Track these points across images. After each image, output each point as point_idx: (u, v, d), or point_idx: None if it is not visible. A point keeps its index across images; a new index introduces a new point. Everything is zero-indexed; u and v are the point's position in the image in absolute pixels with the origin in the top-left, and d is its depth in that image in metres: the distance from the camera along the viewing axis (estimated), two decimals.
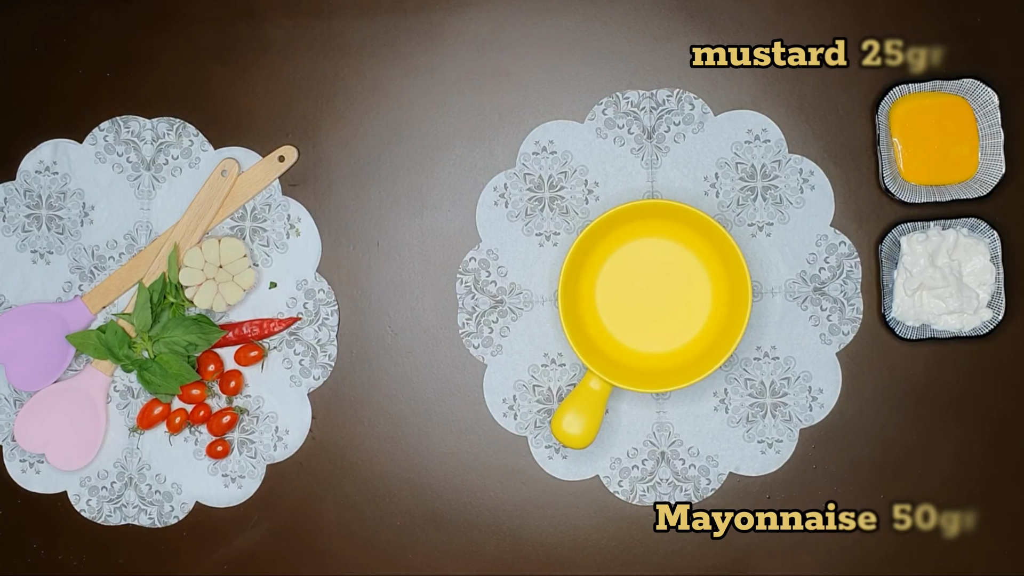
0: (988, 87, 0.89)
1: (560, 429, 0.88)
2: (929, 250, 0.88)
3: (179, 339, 0.91)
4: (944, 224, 0.89)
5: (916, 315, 0.89)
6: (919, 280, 0.88)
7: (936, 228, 0.89)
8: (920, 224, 0.90)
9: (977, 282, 0.89)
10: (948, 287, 0.88)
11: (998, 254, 0.88)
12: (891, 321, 0.89)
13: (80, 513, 0.94)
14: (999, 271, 0.89)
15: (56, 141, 0.95)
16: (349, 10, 0.95)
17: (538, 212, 0.93)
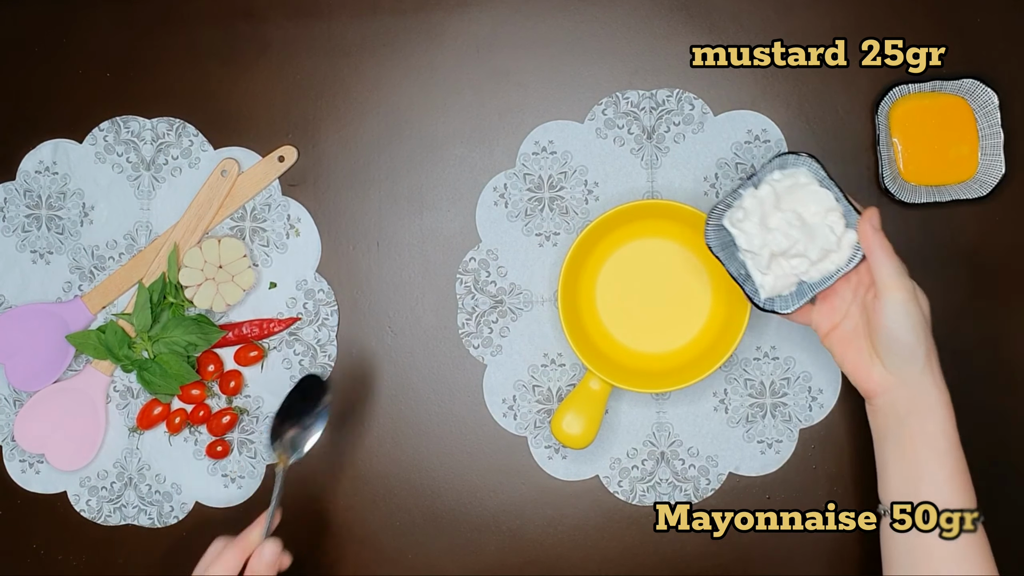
0: (988, 87, 0.89)
1: (560, 429, 0.88)
2: (756, 218, 0.80)
3: (179, 339, 0.91)
4: (755, 182, 0.80)
5: (788, 284, 0.80)
6: (767, 251, 0.79)
7: (748, 192, 0.80)
8: (729, 198, 0.81)
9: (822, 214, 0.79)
10: (798, 240, 0.79)
11: (823, 175, 0.79)
12: (767, 302, 0.80)
13: (80, 513, 0.94)
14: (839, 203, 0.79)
15: (56, 141, 0.95)
16: (349, 10, 0.95)
17: (538, 212, 0.93)
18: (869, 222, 0.76)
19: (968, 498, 0.74)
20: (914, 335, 0.74)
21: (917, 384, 0.75)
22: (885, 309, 0.74)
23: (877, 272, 0.75)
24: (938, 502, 0.73)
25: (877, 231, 0.75)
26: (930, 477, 0.74)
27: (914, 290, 0.75)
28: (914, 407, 0.75)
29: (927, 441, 0.74)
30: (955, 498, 0.73)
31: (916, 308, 0.74)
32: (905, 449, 0.75)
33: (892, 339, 0.74)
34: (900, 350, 0.74)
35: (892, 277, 0.74)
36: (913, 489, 0.74)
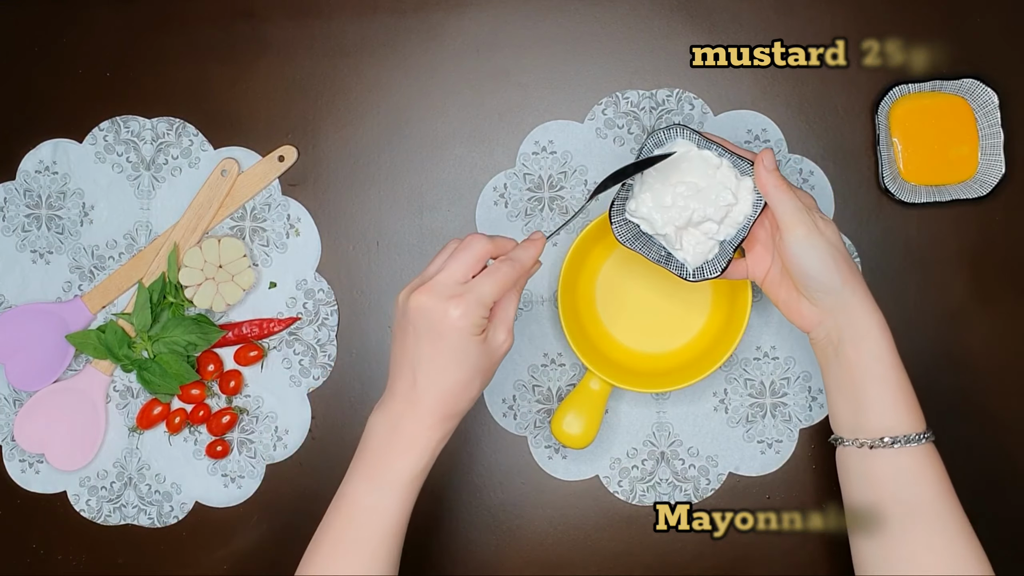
0: (988, 87, 0.89)
1: (560, 429, 0.88)
2: (650, 201, 0.79)
3: (179, 339, 0.91)
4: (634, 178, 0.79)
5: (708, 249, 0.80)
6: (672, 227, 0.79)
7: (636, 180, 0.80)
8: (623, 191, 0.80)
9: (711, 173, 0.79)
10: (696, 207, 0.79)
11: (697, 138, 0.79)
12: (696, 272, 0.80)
13: (80, 513, 0.94)
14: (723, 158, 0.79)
15: (56, 141, 0.95)
16: (349, 10, 0.95)
17: (538, 212, 0.93)
18: (762, 165, 0.76)
19: (912, 418, 0.74)
20: (823, 266, 0.75)
21: (844, 312, 0.75)
22: (789, 247, 0.75)
23: (776, 212, 0.76)
24: (881, 424, 0.74)
25: (770, 172, 0.76)
26: (871, 401, 0.75)
27: (815, 222, 0.75)
28: (846, 335, 0.75)
29: (863, 366, 0.75)
30: (898, 419, 0.74)
31: (820, 239, 0.75)
32: (843, 377, 0.76)
33: (802, 274, 0.75)
34: (813, 283, 0.76)
35: (789, 215, 0.75)
36: (856, 415, 0.75)
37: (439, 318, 0.68)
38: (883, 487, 0.74)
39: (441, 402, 0.70)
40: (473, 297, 0.68)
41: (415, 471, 0.71)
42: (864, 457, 0.75)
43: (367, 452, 0.72)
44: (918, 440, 0.74)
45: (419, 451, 0.71)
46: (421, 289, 0.69)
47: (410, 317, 0.69)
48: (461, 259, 0.69)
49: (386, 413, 0.71)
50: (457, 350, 0.69)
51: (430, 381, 0.69)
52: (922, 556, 0.72)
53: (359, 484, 0.72)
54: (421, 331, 0.69)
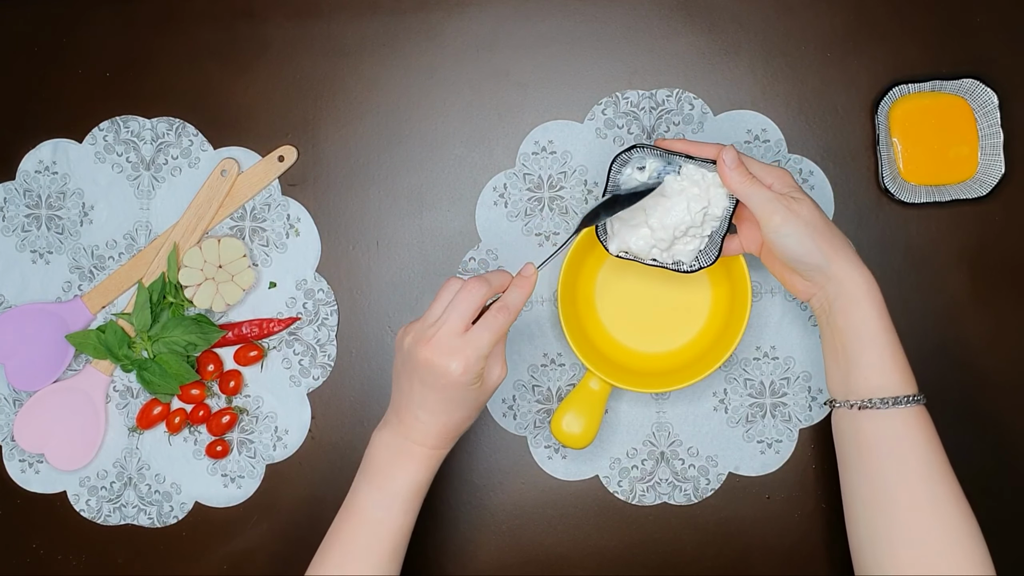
0: (988, 87, 0.89)
1: (560, 429, 0.88)
2: (628, 240, 0.83)
3: (178, 339, 0.91)
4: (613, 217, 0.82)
5: (699, 244, 0.82)
6: (656, 250, 0.83)
7: (612, 229, 0.83)
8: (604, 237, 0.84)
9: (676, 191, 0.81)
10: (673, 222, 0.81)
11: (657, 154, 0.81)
12: (692, 265, 0.83)
13: (79, 513, 0.94)
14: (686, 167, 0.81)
15: (56, 141, 0.95)
16: (349, 10, 0.95)
17: (538, 212, 0.93)
18: (724, 166, 0.78)
19: (901, 380, 0.76)
20: (804, 249, 0.77)
21: (832, 283, 0.78)
22: (767, 236, 0.78)
23: (748, 207, 0.78)
24: (870, 385, 0.76)
25: (732, 170, 0.78)
26: (859, 363, 0.77)
27: (788, 207, 0.77)
28: (837, 302, 0.78)
29: (853, 331, 0.77)
30: (887, 380, 0.76)
31: (795, 223, 0.77)
32: (835, 341, 0.78)
33: (787, 257, 0.78)
34: (799, 265, 0.78)
35: (759, 207, 0.77)
36: (847, 377, 0.77)
37: (442, 372, 0.73)
38: (872, 448, 0.75)
39: (443, 433, 0.76)
40: (472, 352, 0.73)
41: (419, 483, 0.77)
42: (854, 418, 0.76)
43: (373, 466, 0.77)
44: (907, 402, 0.75)
45: (422, 467, 0.77)
46: (424, 343, 0.73)
47: (414, 365, 0.74)
48: (460, 310, 0.73)
49: (392, 434, 0.77)
50: (458, 397, 0.74)
51: (434, 419, 0.75)
52: (908, 516, 0.73)
53: (368, 494, 0.77)
54: (425, 380, 0.74)
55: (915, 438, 0.74)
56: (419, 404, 0.75)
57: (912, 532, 0.73)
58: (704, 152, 0.81)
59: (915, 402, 0.75)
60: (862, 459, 0.76)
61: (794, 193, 0.78)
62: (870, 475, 0.75)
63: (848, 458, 0.77)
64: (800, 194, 0.79)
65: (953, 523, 0.72)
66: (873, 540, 0.74)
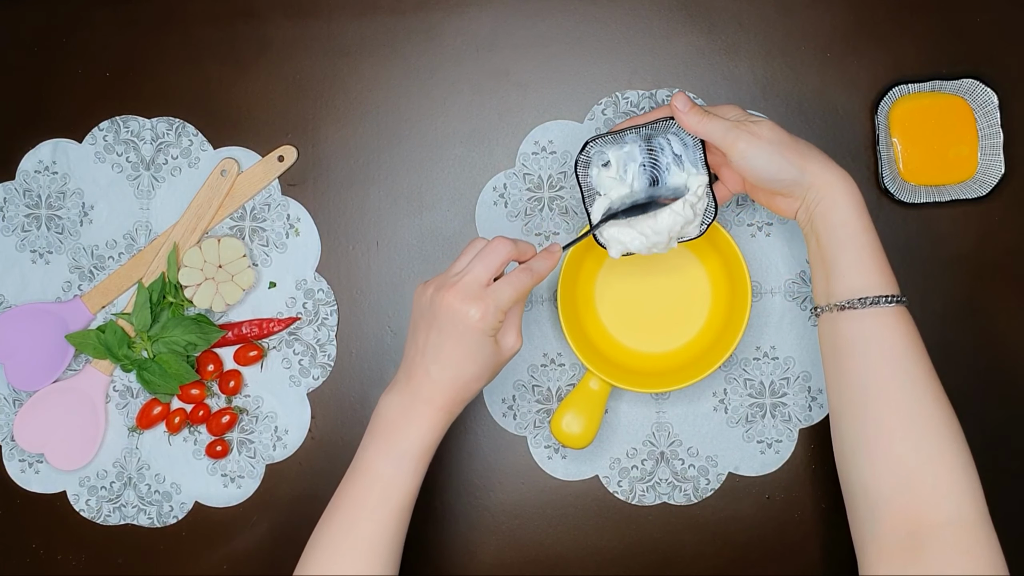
0: (988, 87, 0.89)
1: (559, 429, 0.88)
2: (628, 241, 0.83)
3: (178, 339, 0.91)
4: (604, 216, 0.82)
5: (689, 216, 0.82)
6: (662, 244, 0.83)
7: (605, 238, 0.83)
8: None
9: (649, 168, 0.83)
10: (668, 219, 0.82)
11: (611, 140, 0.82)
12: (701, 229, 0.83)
13: (79, 513, 0.94)
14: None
15: (55, 141, 0.95)
16: (349, 10, 0.95)
17: (537, 212, 0.93)
18: (679, 112, 0.79)
19: (880, 280, 0.77)
20: (775, 166, 0.78)
21: (811, 191, 0.78)
22: (737, 164, 0.79)
23: (712, 142, 0.79)
24: (850, 285, 0.76)
25: (687, 113, 0.79)
26: (839, 265, 0.77)
27: (748, 132, 0.78)
28: (816, 207, 0.79)
29: (831, 233, 0.78)
30: (865, 280, 0.76)
31: (759, 144, 0.78)
32: (817, 248, 0.79)
33: (761, 180, 0.79)
34: (775, 183, 0.79)
35: (721, 138, 0.78)
36: (828, 280, 0.78)
37: (461, 318, 0.73)
38: (852, 348, 0.76)
39: (452, 390, 0.75)
40: (493, 302, 0.73)
41: (425, 444, 0.76)
42: (835, 320, 0.77)
43: (381, 426, 0.76)
44: (886, 301, 0.75)
45: (429, 427, 0.75)
46: (448, 288, 0.74)
47: (434, 312, 0.74)
48: (486, 262, 0.75)
49: (399, 394, 0.76)
50: (473, 348, 0.74)
51: (444, 372, 0.74)
52: (887, 412, 0.73)
53: (376, 454, 0.76)
54: (444, 327, 0.74)
55: (895, 337, 0.75)
56: (432, 356, 0.74)
57: (889, 435, 0.73)
58: (657, 114, 0.82)
59: (895, 302, 0.75)
60: (843, 360, 0.76)
61: (751, 118, 0.80)
62: (852, 374, 0.75)
63: (830, 361, 0.78)
64: (757, 118, 0.80)
65: (933, 418, 0.73)
66: (853, 448, 0.75)
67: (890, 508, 0.72)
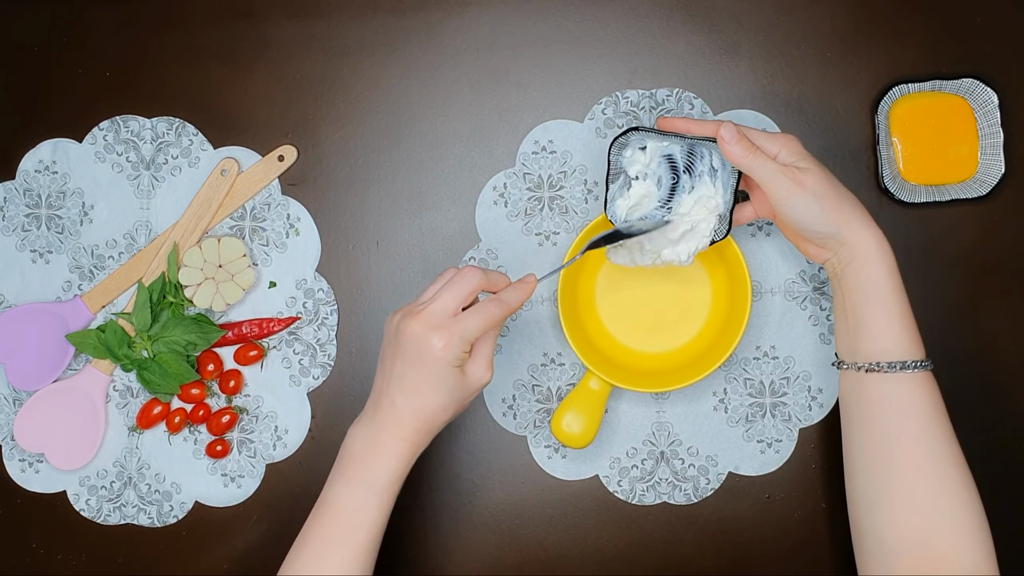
0: (988, 87, 0.89)
1: (560, 429, 0.88)
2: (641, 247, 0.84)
3: (178, 338, 0.91)
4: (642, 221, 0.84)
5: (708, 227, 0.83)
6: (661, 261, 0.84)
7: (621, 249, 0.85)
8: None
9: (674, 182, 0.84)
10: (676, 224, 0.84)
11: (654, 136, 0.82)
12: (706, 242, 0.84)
13: (79, 513, 0.94)
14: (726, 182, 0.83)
15: (56, 140, 0.95)
16: (349, 10, 0.95)
17: (538, 212, 0.93)
18: (724, 143, 0.78)
19: (908, 344, 0.76)
20: (812, 219, 0.77)
21: (845, 248, 0.78)
22: (775, 208, 0.78)
23: (754, 179, 0.78)
24: (876, 348, 0.76)
25: (733, 145, 0.78)
26: (866, 324, 0.77)
27: (793, 179, 0.77)
28: (848, 265, 0.78)
29: (862, 291, 0.77)
30: (893, 344, 0.76)
31: (801, 195, 0.77)
32: (846, 303, 0.78)
33: (797, 227, 0.79)
34: (809, 233, 0.79)
35: (764, 180, 0.77)
36: (854, 338, 0.78)
37: (425, 347, 0.72)
38: (876, 410, 0.75)
39: (417, 421, 0.74)
40: (457, 331, 0.72)
41: (393, 476, 0.75)
42: (860, 380, 0.76)
43: (348, 459, 0.76)
44: (913, 367, 0.75)
45: (396, 459, 0.75)
46: (413, 316, 0.73)
47: (399, 340, 0.73)
48: (453, 291, 0.73)
49: (367, 426, 0.76)
50: (435, 377, 0.73)
51: (408, 401, 0.74)
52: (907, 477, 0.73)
53: (341, 488, 0.76)
54: (407, 355, 0.73)
55: (919, 402, 0.75)
56: (397, 385, 0.73)
57: (910, 493, 0.73)
58: (704, 130, 0.81)
59: (922, 367, 0.75)
60: (865, 421, 0.76)
61: (800, 162, 0.78)
62: (872, 437, 0.75)
63: (852, 419, 0.78)
64: (807, 162, 0.78)
65: (952, 484, 0.73)
66: (871, 501, 0.75)
67: (905, 561, 0.73)
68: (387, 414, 0.74)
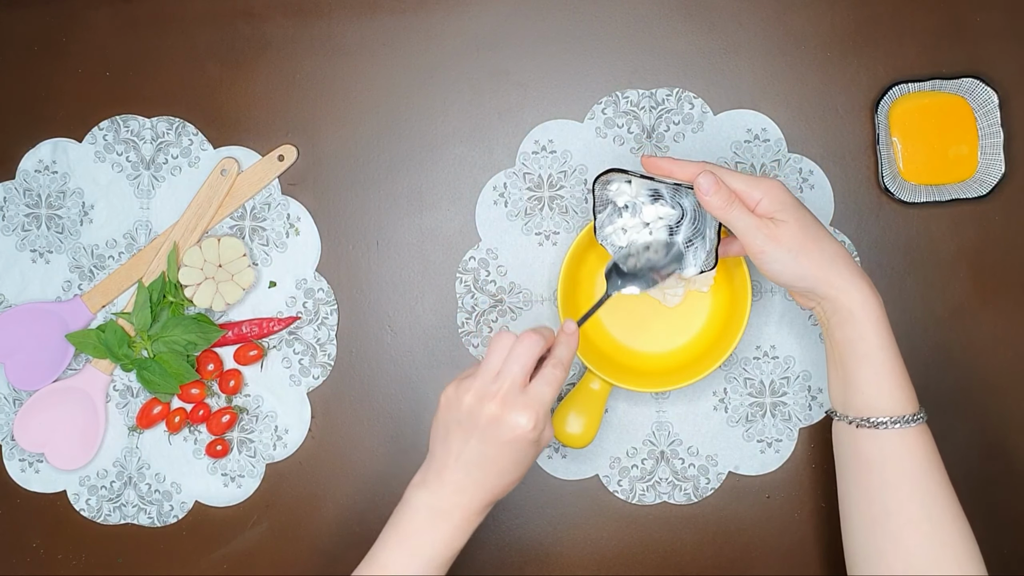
0: (988, 87, 0.89)
1: (560, 429, 0.88)
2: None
3: (178, 338, 0.91)
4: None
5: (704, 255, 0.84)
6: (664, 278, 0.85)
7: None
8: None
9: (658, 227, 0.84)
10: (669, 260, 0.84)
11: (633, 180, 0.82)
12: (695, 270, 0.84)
13: (79, 512, 0.94)
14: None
15: (55, 140, 0.95)
16: (349, 10, 0.95)
17: (538, 211, 0.93)
18: (701, 193, 0.76)
19: (899, 400, 0.75)
20: (789, 273, 0.76)
21: (828, 301, 0.77)
22: (756, 264, 0.77)
23: (734, 232, 0.77)
24: (867, 404, 0.75)
25: (711, 196, 0.76)
26: (856, 381, 0.76)
27: (767, 235, 0.75)
28: (833, 317, 0.77)
29: (850, 346, 0.76)
30: (884, 400, 0.75)
31: (776, 251, 0.75)
32: (834, 356, 0.78)
33: (776, 282, 0.78)
34: (787, 287, 0.78)
35: (740, 235, 0.76)
36: (845, 392, 0.77)
37: (510, 427, 0.71)
38: (870, 464, 0.75)
39: (492, 495, 0.74)
40: (540, 406, 0.72)
41: (453, 551, 0.75)
42: (852, 434, 0.76)
43: (408, 527, 0.74)
44: (905, 422, 0.74)
45: (459, 533, 0.75)
46: (490, 399, 0.72)
47: (475, 421, 0.72)
48: (520, 363, 0.72)
49: (433, 496, 0.74)
50: (520, 455, 0.73)
51: (488, 479, 0.73)
52: (904, 533, 0.73)
53: (399, 556, 0.74)
54: (487, 436, 0.72)
55: (913, 457, 0.74)
56: (475, 463, 0.72)
57: (908, 548, 0.72)
58: (686, 172, 0.78)
59: (914, 421, 0.74)
60: (860, 474, 0.75)
61: (780, 213, 0.76)
62: (868, 490, 0.74)
63: (846, 471, 0.77)
64: (787, 213, 0.76)
65: (950, 540, 0.72)
66: (868, 554, 0.74)
67: None
68: (458, 491, 0.73)
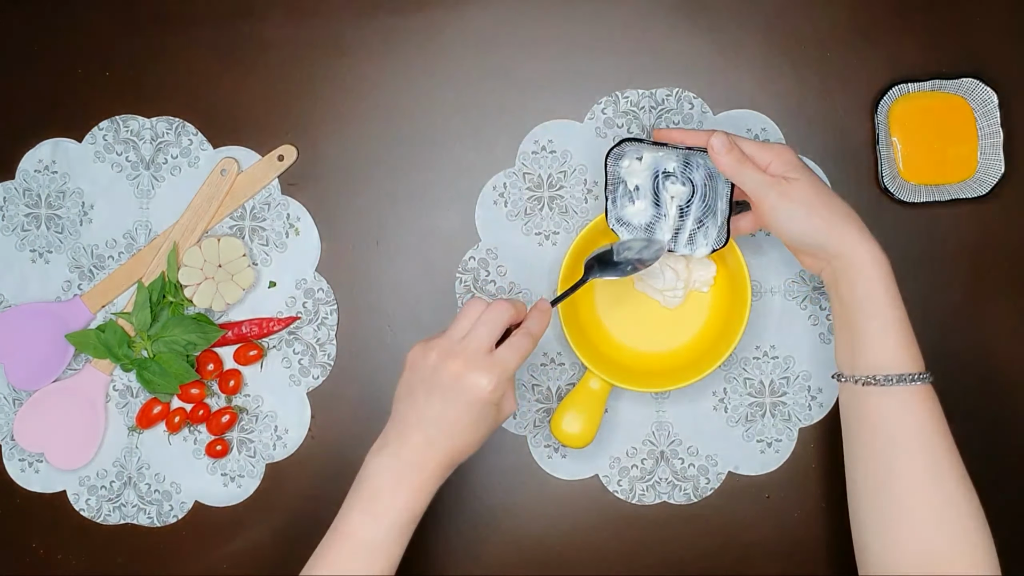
0: (988, 86, 0.89)
1: (559, 428, 0.88)
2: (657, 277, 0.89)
3: (178, 338, 0.91)
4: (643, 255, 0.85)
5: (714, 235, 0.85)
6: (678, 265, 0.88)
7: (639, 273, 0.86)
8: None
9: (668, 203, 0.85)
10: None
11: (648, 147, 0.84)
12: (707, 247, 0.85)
13: (79, 512, 0.94)
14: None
15: (55, 140, 0.95)
16: (349, 10, 0.95)
17: (537, 211, 0.93)
18: (714, 153, 0.78)
19: (905, 357, 0.75)
20: (800, 229, 0.77)
21: (837, 259, 0.77)
22: (763, 219, 0.79)
23: (745, 191, 0.79)
24: (873, 362, 0.75)
25: (723, 155, 0.78)
26: (863, 338, 0.76)
27: (779, 192, 0.77)
28: (842, 276, 0.77)
29: (858, 304, 0.76)
30: (890, 358, 0.75)
31: (788, 206, 0.77)
32: (843, 316, 0.78)
33: (785, 238, 0.79)
34: (799, 244, 0.79)
35: (751, 191, 0.78)
36: (852, 352, 0.77)
37: (470, 387, 0.72)
38: (875, 424, 0.75)
39: (451, 457, 0.74)
40: (503, 371, 0.73)
41: (417, 511, 0.75)
42: (858, 394, 0.76)
43: (369, 491, 0.74)
44: (911, 380, 0.74)
45: (425, 494, 0.75)
46: (452, 356, 0.73)
47: (438, 379, 0.73)
48: (488, 327, 0.74)
49: (391, 458, 0.74)
50: (477, 416, 0.73)
51: (446, 439, 0.74)
52: (908, 492, 0.73)
53: (362, 519, 0.74)
54: (447, 394, 0.73)
55: (919, 416, 0.74)
56: (434, 423, 0.73)
57: (911, 512, 0.72)
58: (697, 140, 0.81)
59: (920, 380, 0.74)
60: (865, 435, 0.76)
61: (790, 172, 0.78)
62: (873, 451, 0.75)
63: (852, 433, 0.77)
64: (797, 172, 0.78)
65: (954, 500, 0.72)
66: (873, 514, 0.75)
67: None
68: (418, 450, 0.74)
